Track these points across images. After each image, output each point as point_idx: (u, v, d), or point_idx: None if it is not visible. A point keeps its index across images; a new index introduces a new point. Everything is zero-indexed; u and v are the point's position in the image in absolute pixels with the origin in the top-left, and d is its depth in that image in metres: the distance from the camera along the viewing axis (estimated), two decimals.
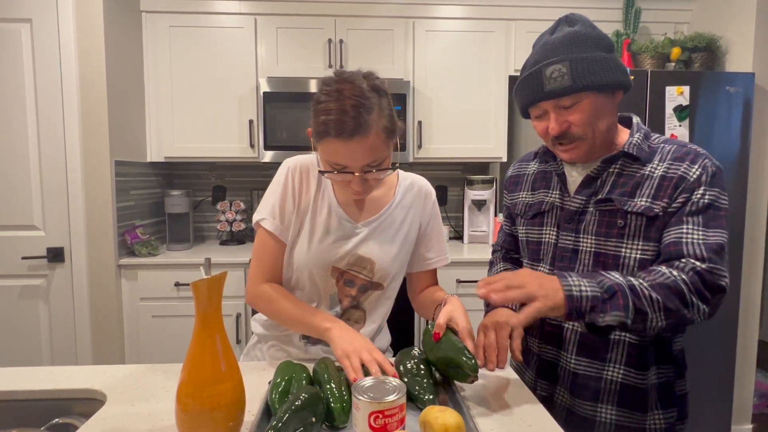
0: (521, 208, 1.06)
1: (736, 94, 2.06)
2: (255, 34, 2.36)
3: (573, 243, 0.94)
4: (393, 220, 1.04)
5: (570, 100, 0.85)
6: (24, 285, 2.07)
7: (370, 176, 0.91)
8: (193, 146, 2.38)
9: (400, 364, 0.86)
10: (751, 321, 2.25)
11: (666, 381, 0.91)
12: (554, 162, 1.00)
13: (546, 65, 0.85)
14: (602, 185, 0.91)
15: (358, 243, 1.01)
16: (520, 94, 0.92)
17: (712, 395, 2.17)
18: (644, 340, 0.89)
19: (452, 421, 0.67)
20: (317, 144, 0.91)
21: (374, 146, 0.88)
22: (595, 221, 0.91)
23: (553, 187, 0.99)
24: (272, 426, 0.64)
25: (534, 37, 2.49)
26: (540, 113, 0.90)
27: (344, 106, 0.84)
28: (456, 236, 2.83)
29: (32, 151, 2.02)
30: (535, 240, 1.01)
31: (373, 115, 0.86)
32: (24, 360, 2.08)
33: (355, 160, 0.87)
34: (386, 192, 1.06)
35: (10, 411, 0.88)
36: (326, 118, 0.85)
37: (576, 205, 0.94)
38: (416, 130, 2.45)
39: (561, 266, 0.95)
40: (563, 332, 0.95)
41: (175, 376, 0.95)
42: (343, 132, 0.84)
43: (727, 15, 2.27)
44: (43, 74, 2.01)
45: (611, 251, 0.89)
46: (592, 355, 0.92)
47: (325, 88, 0.88)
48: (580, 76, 0.83)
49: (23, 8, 1.98)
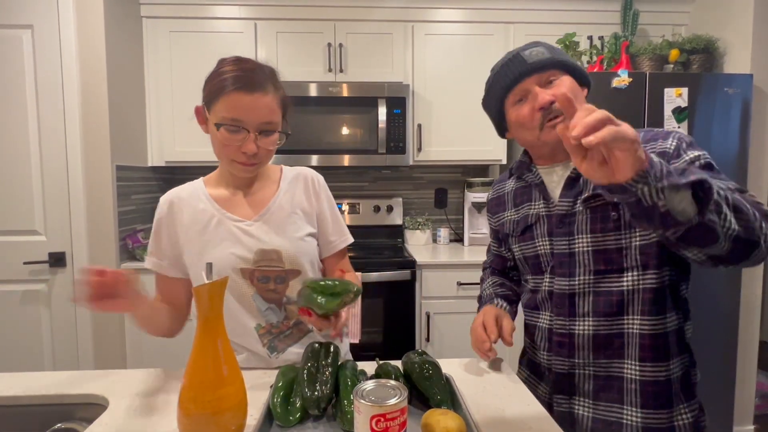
0: (509, 226, 1.05)
1: (734, 96, 2.07)
2: (255, 39, 2.38)
3: (568, 246, 0.92)
4: (282, 207, 1.05)
5: (551, 75, 0.87)
6: (25, 290, 2.07)
7: (261, 142, 0.93)
8: (194, 150, 2.39)
9: (408, 365, 0.87)
10: (752, 321, 2.25)
11: (686, 372, 0.89)
12: (530, 173, 1.00)
13: (524, 48, 0.89)
14: (586, 183, 0.90)
15: (256, 238, 1.00)
16: (497, 84, 0.92)
17: (713, 396, 2.16)
18: (657, 328, 0.86)
19: (454, 424, 0.67)
20: (212, 106, 0.93)
21: (271, 107, 0.93)
22: (587, 219, 0.89)
23: (536, 198, 0.99)
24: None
25: (534, 40, 2.52)
26: (520, 96, 0.90)
27: (245, 66, 0.92)
28: (456, 239, 2.83)
29: (33, 156, 2.03)
30: (532, 254, 1.00)
31: (270, 82, 0.94)
32: (26, 365, 2.09)
33: (253, 113, 0.91)
34: (270, 186, 1.07)
35: (12, 416, 0.89)
36: (226, 75, 0.91)
37: (564, 208, 0.93)
38: (416, 133, 2.46)
39: (561, 272, 0.93)
40: (574, 339, 0.92)
41: (176, 381, 0.95)
42: (244, 85, 0.89)
43: (725, 17, 2.28)
44: (44, 80, 2.02)
45: (611, 245, 0.87)
46: (608, 355, 0.90)
47: (221, 60, 0.96)
48: (558, 54, 0.88)
49: (24, 14, 1.99)
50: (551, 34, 2.42)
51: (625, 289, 0.87)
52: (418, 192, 2.84)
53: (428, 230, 2.68)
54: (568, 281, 0.92)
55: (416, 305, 2.21)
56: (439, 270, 2.21)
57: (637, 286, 0.87)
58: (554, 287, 0.95)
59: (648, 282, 0.86)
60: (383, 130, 2.35)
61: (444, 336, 2.23)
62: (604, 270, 0.89)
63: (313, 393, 0.77)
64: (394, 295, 2.18)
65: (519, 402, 0.85)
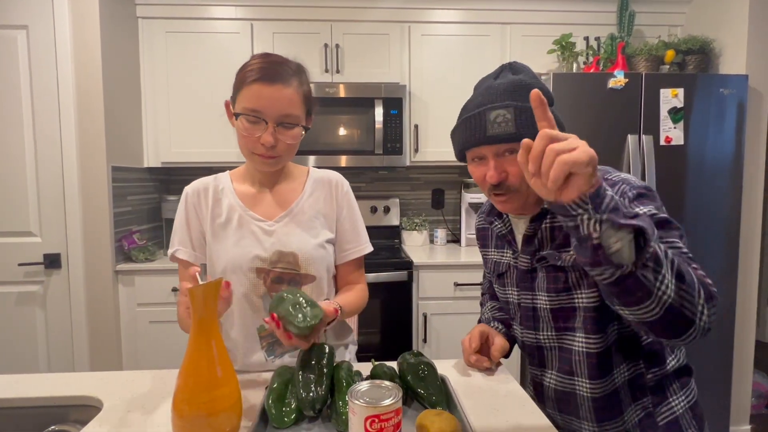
0: (491, 266, 1.05)
1: (729, 96, 2.08)
2: (251, 40, 2.37)
3: (532, 301, 0.93)
4: (304, 211, 1.04)
5: (511, 147, 0.82)
6: (20, 291, 2.06)
7: (280, 135, 0.93)
8: (189, 151, 2.38)
9: (403, 366, 0.87)
10: (748, 322, 2.26)
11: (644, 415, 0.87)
12: (500, 220, 0.98)
13: (490, 109, 0.82)
14: (541, 242, 0.89)
15: (275, 239, 1.00)
16: (460, 134, 0.88)
17: (709, 396, 2.17)
18: (606, 389, 0.85)
19: (448, 425, 0.67)
20: (236, 98, 0.94)
21: (292, 100, 0.93)
22: (544, 278, 0.89)
23: (506, 247, 0.99)
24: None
25: (530, 41, 2.53)
26: (478, 157, 0.87)
27: (270, 59, 0.94)
28: (453, 239, 2.83)
29: (29, 158, 2.02)
30: (504, 300, 1.02)
31: (294, 77, 0.94)
32: (21, 367, 2.07)
33: (272, 105, 0.91)
34: (295, 187, 1.07)
35: (7, 418, 0.88)
36: (251, 68, 0.92)
37: (524, 264, 0.93)
38: (413, 134, 2.46)
39: (527, 325, 0.94)
40: (543, 390, 0.94)
41: (171, 382, 0.94)
42: (265, 76, 0.90)
43: (721, 18, 2.29)
44: (39, 80, 2.01)
45: (566, 304, 0.87)
46: (568, 412, 0.91)
47: (251, 57, 0.97)
48: (524, 125, 0.80)
49: (19, 15, 1.98)
50: (547, 34, 2.43)
51: (574, 349, 0.87)
52: (415, 193, 2.84)
53: (425, 231, 2.68)
54: (534, 334, 0.94)
55: (413, 306, 2.21)
56: (436, 271, 2.21)
57: (581, 349, 0.86)
58: (524, 338, 0.97)
59: (593, 344, 0.84)
60: (380, 131, 2.35)
61: (441, 337, 2.23)
62: (564, 327, 0.89)
63: (308, 394, 0.77)
64: (391, 296, 2.18)
65: (514, 403, 0.85)
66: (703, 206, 2.11)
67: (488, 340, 1.03)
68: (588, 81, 2.06)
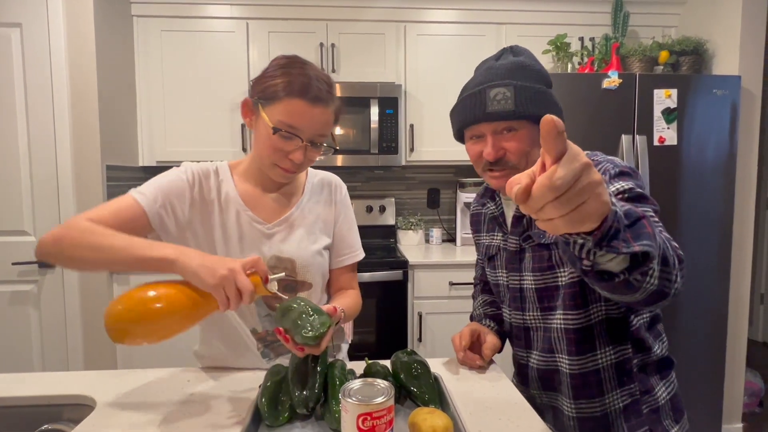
0: (482, 250, 1.07)
1: (723, 97, 2.09)
2: (247, 39, 2.37)
3: (519, 282, 0.94)
4: (304, 216, 1.03)
5: (510, 125, 0.83)
6: (14, 291, 2.05)
7: (309, 152, 0.92)
8: (185, 150, 2.37)
9: (396, 364, 0.87)
10: (740, 320, 2.28)
11: (629, 402, 0.87)
12: (492, 203, 1.00)
13: (490, 87, 0.83)
14: (529, 222, 0.90)
15: (273, 244, 0.98)
16: (459, 113, 0.89)
17: (702, 394, 2.19)
18: (586, 367, 0.86)
19: (440, 422, 0.67)
20: (270, 104, 0.88)
21: (328, 122, 0.92)
22: (530, 258, 0.91)
23: (497, 229, 1.00)
24: None
25: (525, 41, 2.54)
26: (476, 135, 0.88)
27: (314, 74, 0.89)
28: (448, 239, 2.84)
29: (23, 156, 2.01)
30: (494, 282, 1.03)
31: (332, 98, 0.92)
32: (15, 366, 2.07)
33: (311, 126, 0.89)
34: (295, 191, 1.05)
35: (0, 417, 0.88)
36: (291, 78, 0.87)
37: (513, 245, 0.94)
38: (408, 134, 2.46)
39: (515, 306, 0.96)
40: (527, 371, 0.97)
41: (166, 381, 0.94)
42: (309, 93, 0.87)
43: (714, 19, 2.31)
44: (33, 79, 2.00)
45: (550, 283, 0.88)
46: (550, 388, 0.92)
47: (283, 58, 0.92)
48: (523, 103, 0.81)
49: (13, 12, 1.97)
50: (542, 35, 2.43)
51: (553, 327, 0.89)
52: (410, 192, 2.84)
53: (421, 230, 2.69)
54: (521, 315, 0.95)
55: (408, 305, 2.21)
56: (432, 270, 2.22)
57: (560, 325, 0.87)
58: (512, 320, 0.98)
59: (571, 321, 0.86)
60: (375, 131, 2.35)
61: (436, 336, 2.24)
62: (548, 307, 0.90)
63: (301, 393, 0.77)
64: (386, 295, 2.18)
65: (507, 401, 0.86)
66: (696, 206, 2.12)
67: (480, 339, 1.04)
68: (582, 81, 2.07)
